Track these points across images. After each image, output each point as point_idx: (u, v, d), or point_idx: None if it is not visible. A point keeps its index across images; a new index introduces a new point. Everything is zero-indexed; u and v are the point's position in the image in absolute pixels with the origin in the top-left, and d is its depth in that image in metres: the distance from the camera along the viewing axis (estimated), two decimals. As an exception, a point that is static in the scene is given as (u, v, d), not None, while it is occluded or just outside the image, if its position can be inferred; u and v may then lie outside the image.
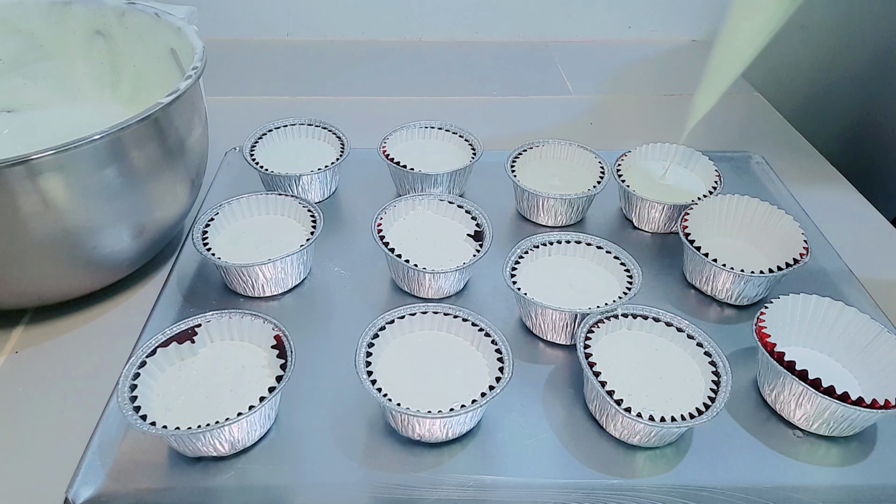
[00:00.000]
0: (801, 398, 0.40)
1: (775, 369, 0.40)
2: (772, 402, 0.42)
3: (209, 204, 0.58)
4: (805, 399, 0.40)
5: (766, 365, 0.42)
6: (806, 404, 0.40)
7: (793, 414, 0.41)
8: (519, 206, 0.59)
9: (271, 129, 0.63)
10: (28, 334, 0.48)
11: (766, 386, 0.43)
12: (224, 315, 0.43)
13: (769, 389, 0.42)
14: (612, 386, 0.40)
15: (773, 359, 0.41)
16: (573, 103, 0.81)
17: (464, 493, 0.38)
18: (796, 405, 0.41)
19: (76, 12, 0.59)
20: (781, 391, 0.41)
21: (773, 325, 0.43)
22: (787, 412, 0.42)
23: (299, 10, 0.94)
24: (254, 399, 0.38)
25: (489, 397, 0.38)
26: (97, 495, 0.37)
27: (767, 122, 0.79)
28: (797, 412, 0.41)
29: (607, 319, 0.44)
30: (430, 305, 0.44)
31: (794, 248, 0.50)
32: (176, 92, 0.46)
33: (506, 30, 0.97)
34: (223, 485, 0.38)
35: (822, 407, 0.39)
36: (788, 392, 0.41)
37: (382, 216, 0.52)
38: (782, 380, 0.41)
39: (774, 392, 0.42)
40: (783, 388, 0.41)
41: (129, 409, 0.37)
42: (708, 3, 0.96)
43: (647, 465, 0.39)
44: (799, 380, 0.39)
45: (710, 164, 0.59)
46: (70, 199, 0.42)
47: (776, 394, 0.42)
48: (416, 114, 0.69)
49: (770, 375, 0.42)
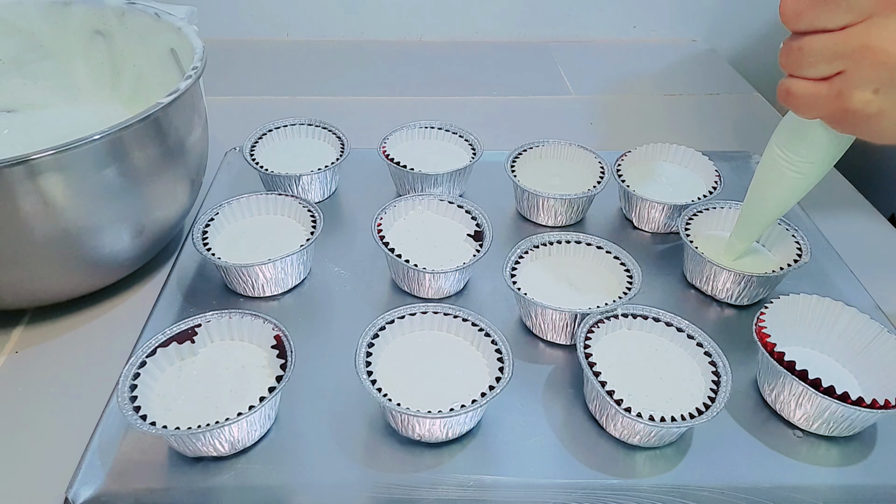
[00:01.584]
0: (800, 398, 0.40)
1: (775, 369, 0.40)
2: (772, 402, 0.42)
3: (209, 204, 0.58)
4: (805, 399, 0.40)
5: (766, 365, 0.42)
6: (806, 404, 0.40)
7: (793, 414, 0.41)
8: (519, 206, 0.59)
9: (271, 129, 0.63)
10: (28, 334, 0.48)
11: (766, 386, 0.43)
12: (224, 315, 0.43)
13: (769, 389, 0.42)
14: (612, 386, 0.40)
15: (773, 359, 0.41)
16: (573, 103, 0.81)
17: (464, 493, 0.38)
18: (796, 405, 0.41)
19: (76, 12, 0.59)
20: (781, 391, 0.41)
21: (773, 326, 0.43)
22: (787, 412, 0.42)
23: (299, 10, 0.94)
24: (254, 399, 0.38)
25: (489, 397, 0.38)
26: (97, 495, 0.37)
27: (767, 122, 0.79)
28: (797, 412, 0.41)
29: (607, 319, 0.44)
30: (430, 305, 0.44)
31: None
32: (176, 92, 0.46)
33: (506, 30, 0.97)
34: (223, 485, 0.38)
35: (822, 407, 0.39)
36: (788, 392, 0.41)
37: (382, 216, 0.52)
38: (782, 380, 0.41)
39: (774, 392, 0.42)
40: (783, 388, 0.41)
41: (129, 409, 0.37)
42: (708, 3, 0.96)
43: (647, 465, 0.39)
44: (799, 380, 0.39)
45: (710, 164, 0.59)
46: (70, 199, 0.42)
47: (776, 394, 0.42)
48: (416, 114, 0.69)
49: (770, 375, 0.42)
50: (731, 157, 0.67)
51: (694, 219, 0.53)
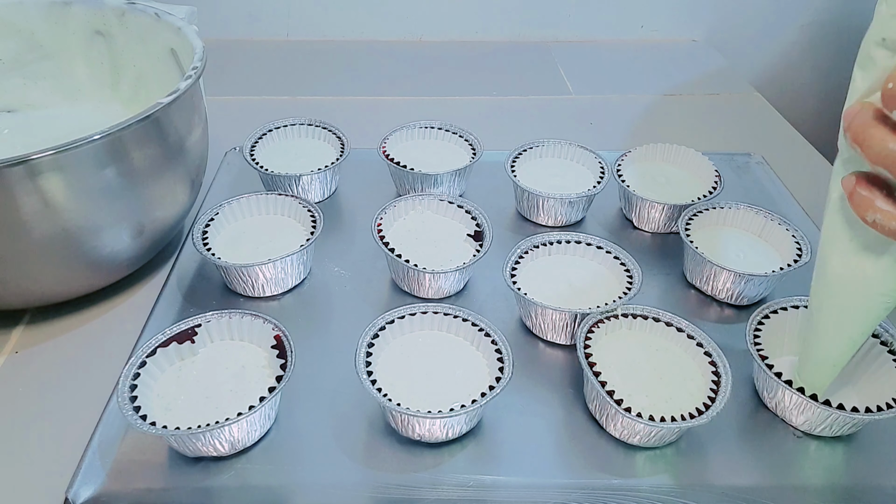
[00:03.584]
0: (802, 408, 0.40)
1: (773, 381, 0.41)
2: (773, 408, 0.42)
3: (209, 204, 0.58)
4: (805, 408, 0.40)
5: (764, 377, 0.42)
6: (807, 412, 0.40)
7: (795, 420, 0.41)
8: (519, 206, 0.59)
9: (271, 129, 0.63)
10: (28, 334, 0.48)
11: (767, 394, 0.43)
12: (224, 315, 0.43)
13: (769, 397, 0.42)
14: (612, 386, 0.40)
15: (768, 372, 0.41)
16: (573, 103, 0.81)
17: (464, 493, 0.38)
18: (798, 413, 0.41)
19: (76, 12, 0.59)
20: (782, 399, 0.41)
21: (768, 339, 0.43)
22: (788, 418, 0.42)
23: (299, 10, 0.94)
24: (254, 399, 0.38)
25: (489, 397, 0.38)
26: (97, 495, 0.37)
27: (767, 122, 0.79)
28: (799, 418, 0.41)
29: (607, 319, 0.44)
30: (430, 305, 0.44)
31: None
32: (176, 92, 0.46)
33: (506, 30, 0.97)
34: (223, 485, 0.38)
35: (825, 415, 0.39)
36: (789, 401, 0.41)
37: (382, 216, 0.52)
38: (781, 391, 0.41)
39: (774, 401, 0.42)
40: (783, 398, 0.41)
41: (129, 409, 0.37)
42: (708, 3, 0.96)
43: (647, 465, 0.39)
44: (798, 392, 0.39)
45: (709, 164, 0.59)
46: (70, 199, 0.42)
47: (776, 402, 0.42)
48: (416, 114, 0.69)
49: (769, 386, 0.42)
50: (731, 157, 0.67)
51: (694, 219, 0.53)
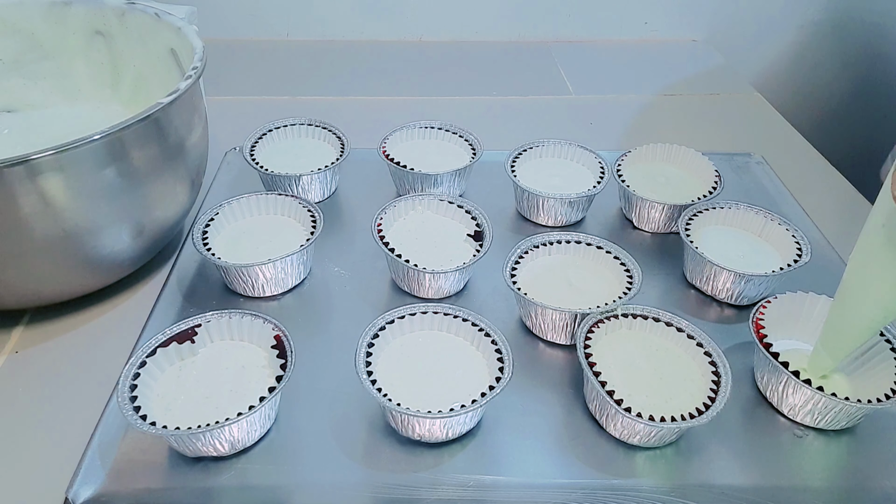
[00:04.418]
0: (786, 387, 0.41)
1: (767, 361, 0.41)
2: (763, 388, 0.43)
3: (209, 204, 0.58)
4: (791, 389, 0.41)
5: (761, 358, 0.43)
6: (793, 395, 0.41)
7: (782, 404, 0.42)
8: (519, 206, 0.59)
9: (271, 129, 0.63)
10: (28, 334, 0.48)
11: (758, 374, 0.44)
12: (224, 315, 0.43)
13: (760, 377, 0.43)
14: (612, 386, 0.40)
15: (765, 350, 0.41)
16: (573, 103, 0.81)
17: (464, 493, 0.38)
18: (784, 395, 0.42)
19: (76, 12, 0.59)
20: (770, 379, 0.42)
21: (771, 321, 0.44)
22: (776, 401, 0.42)
23: (299, 10, 0.94)
24: (254, 399, 0.38)
25: (489, 397, 0.38)
26: (97, 495, 0.37)
27: (767, 122, 0.79)
28: (784, 403, 0.42)
29: (607, 319, 0.44)
30: (430, 305, 0.44)
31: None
32: (176, 92, 0.46)
33: (506, 30, 0.97)
34: (223, 485, 0.38)
35: (807, 397, 0.40)
36: (777, 381, 0.42)
37: (382, 216, 0.52)
38: (777, 373, 0.41)
39: (764, 380, 0.43)
40: (772, 378, 0.42)
41: (129, 409, 0.37)
42: (708, 3, 0.96)
43: (647, 465, 0.39)
44: (787, 371, 0.40)
45: (709, 164, 0.59)
46: (70, 199, 0.42)
47: (766, 382, 0.43)
48: (416, 114, 0.69)
49: (763, 367, 0.43)
50: (731, 157, 0.67)
51: (694, 219, 0.54)
